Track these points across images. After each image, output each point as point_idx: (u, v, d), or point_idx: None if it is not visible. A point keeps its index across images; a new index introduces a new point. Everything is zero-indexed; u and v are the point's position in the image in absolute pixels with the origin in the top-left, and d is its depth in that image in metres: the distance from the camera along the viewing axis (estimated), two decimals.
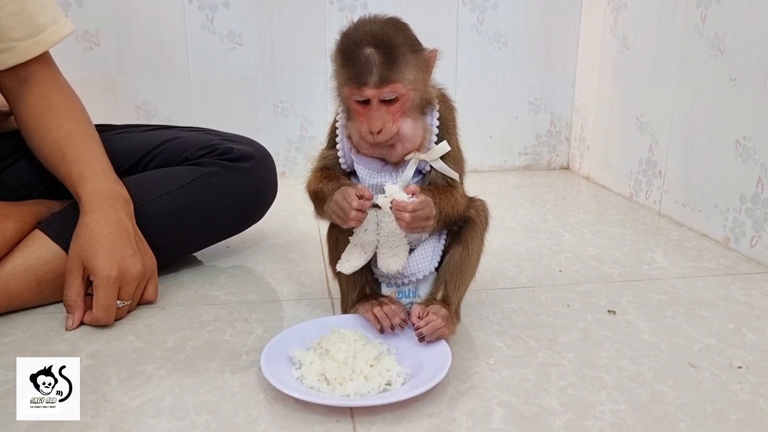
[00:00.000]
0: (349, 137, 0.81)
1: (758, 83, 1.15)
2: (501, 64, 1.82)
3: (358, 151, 0.82)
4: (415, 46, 0.77)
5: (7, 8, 0.92)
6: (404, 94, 0.76)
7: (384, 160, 0.81)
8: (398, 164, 0.81)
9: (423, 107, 0.81)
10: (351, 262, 0.81)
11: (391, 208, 0.76)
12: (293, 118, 1.78)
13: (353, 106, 0.78)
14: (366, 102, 0.76)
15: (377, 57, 0.73)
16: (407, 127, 0.78)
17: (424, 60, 0.78)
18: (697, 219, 1.33)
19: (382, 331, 0.80)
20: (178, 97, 1.71)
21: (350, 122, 0.80)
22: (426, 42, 0.79)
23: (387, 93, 0.75)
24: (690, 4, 1.33)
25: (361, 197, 0.75)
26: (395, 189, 0.76)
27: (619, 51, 1.63)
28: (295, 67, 1.74)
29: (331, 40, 1.70)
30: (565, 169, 1.95)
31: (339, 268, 0.82)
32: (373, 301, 0.83)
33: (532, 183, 1.79)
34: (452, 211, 0.80)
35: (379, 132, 0.76)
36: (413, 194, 0.75)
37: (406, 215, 0.74)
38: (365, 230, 0.81)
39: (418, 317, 0.79)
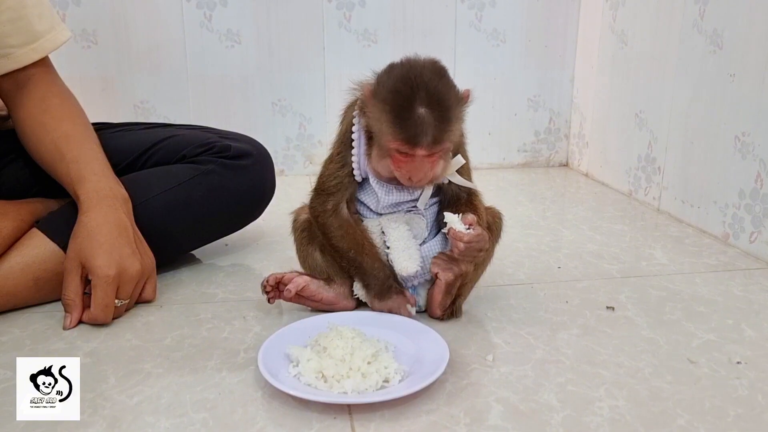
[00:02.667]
0: (370, 162, 0.81)
1: (757, 78, 1.14)
2: (499, 61, 1.82)
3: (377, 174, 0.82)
4: (458, 96, 0.77)
5: (4, 15, 0.92)
6: (449, 147, 0.78)
7: None
8: None
9: None
10: None
11: (448, 233, 0.79)
12: (291, 116, 1.78)
13: (393, 154, 0.76)
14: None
15: (431, 119, 0.73)
16: (440, 167, 0.78)
17: (463, 105, 0.78)
18: (696, 215, 1.33)
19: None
20: (175, 96, 1.71)
21: (380, 160, 0.79)
22: (424, 40, 0.79)
23: (436, 150, 0.75)
24: (688, 0, 1.33)
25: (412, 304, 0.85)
26: (455, 219, 0.79)
27: (617, 47, 1.63)
28: (293, 65, 1.73)
29: (328, 37, 1.72)
30: (564, 165, 1.95)
31: None
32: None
33: (531, 180, 1.79)
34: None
35: (419, 180, 0.77)
36: (470, 225, 0.78)
37: (461, 245, 0.77)
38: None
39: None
